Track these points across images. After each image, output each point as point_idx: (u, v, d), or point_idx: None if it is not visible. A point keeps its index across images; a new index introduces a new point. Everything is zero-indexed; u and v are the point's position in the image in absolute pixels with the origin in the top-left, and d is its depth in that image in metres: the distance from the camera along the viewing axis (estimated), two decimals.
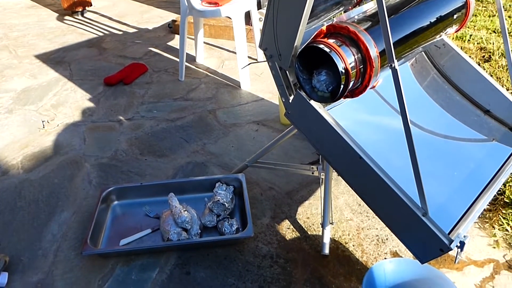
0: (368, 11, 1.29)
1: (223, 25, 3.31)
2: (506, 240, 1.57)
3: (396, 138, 1.17)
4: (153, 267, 1.52)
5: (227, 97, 2.59)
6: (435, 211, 1.09)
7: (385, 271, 1.34)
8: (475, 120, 1.54)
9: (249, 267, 1.51)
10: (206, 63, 3.04)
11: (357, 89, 1.16)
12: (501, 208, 1.67)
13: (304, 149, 2.01)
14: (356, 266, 1.50)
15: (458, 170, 1.35)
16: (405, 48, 1.24)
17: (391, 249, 1.56)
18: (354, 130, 1.20)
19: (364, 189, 1.20)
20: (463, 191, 1.28)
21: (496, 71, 2.54)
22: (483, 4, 3.50)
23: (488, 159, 1.41)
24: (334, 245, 1.57)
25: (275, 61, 1.22)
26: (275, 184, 1.87)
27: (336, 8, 1.52)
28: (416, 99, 1.55)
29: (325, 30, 1.13)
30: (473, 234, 1.59)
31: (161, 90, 2.74)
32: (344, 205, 1.75)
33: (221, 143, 2.14)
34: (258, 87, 2.67)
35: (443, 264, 1.50)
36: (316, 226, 1.66)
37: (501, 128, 1.52)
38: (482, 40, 2.90)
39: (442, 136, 1.48)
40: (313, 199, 1.79)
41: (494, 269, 1.48)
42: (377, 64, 1.09)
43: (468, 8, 1.39)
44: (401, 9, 1.28)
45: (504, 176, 1.33)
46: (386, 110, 1.47)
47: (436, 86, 1.62)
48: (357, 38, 1.08)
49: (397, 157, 1.16)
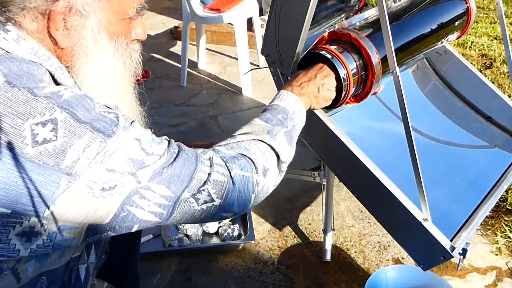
0: (369, 17, 1.30)
1: (225, 31, 3.33)
2: (508, 247, 1.56)
3: (398, 144, 1.17)
4: (154, 273, 1.51)
5: (229, 103, 2.59)
6: (437, 217, 1.08)
7: (387, 278, 1.33)
8: (477, 126, 1.54)
9: (251, 273, 1.50)
10: (208, 69, 3.04)
11: (359, 96, 1.16)
12: (503, 215, 1.66)
13: (306, 155, 2.01)
14: (357, 273, 1.49)
15: (460, 177, 1.35)
16: (406, 54, 1.24)
17: (393, 256, 1.55)
18: (355, 136, 1.19)
19: (366, 195, 1.19)
20: (465, 198, 1.28)
21: (498, 78, 2.54)
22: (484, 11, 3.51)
23: (490, 166, 1.40)
24: (336, 252, 1.57)
25: (277, 67, 1.23)
26: (277, 190, 1.85)
27: (337, 15, 1.52)
28: (418, 106, 1.55)
29: (327, 37, 1.13)
30: (476, 241, 1.59)
31: (163, 95, 2.75)
32: (346, 211, 1.75)
33: None
34: (260, 93, 2.67)
35: (445, 271, 1.49)
36: (318, 232, 1.65)
37: (503, 135, 1.52)
38: (483, 47, 2.91)
39: (443, 142, 1.48)
40: (314, 205, 1.78)
41: (496, 276, 1.47)
42: (378, 70, 1.09)
43: (469, 15, 1.39)
44: (403, 16, 1.29)
45: (506, 183, 1.32)
46: (388, 116, 1.47)
47: (437, 92, 1.62)
48: (358, 45, 1.08)
49: (399, 163, 1.16)
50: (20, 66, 0.66)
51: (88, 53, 0.74)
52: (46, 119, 0.63)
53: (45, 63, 0.69)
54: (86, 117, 0.65)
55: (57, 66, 0.71)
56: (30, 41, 0.70)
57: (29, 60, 0.68)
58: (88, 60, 0.74)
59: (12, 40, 0.68)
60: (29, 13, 0.69)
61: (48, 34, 0.71)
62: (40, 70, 0.68)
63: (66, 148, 0.63)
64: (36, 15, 0.69)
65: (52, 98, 0.64)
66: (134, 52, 0.83)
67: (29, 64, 0.67)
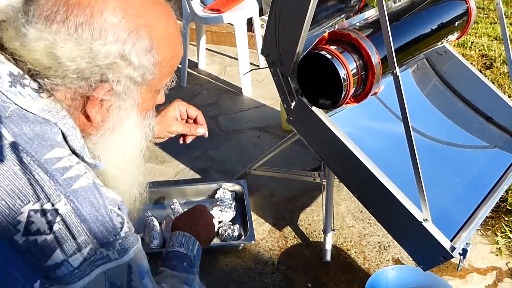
0: (369, 18, 1.30)
1: (225, 32, 3.33)
2: (508, 247, 1.56)
3: (398, 144, 1.17)
4: (154, 273, 1.51)
5: (229, 103, 2.59)
6: (438, 218, 1.09)
7: (387, 278, 1.33)
8: (477, 127, 1.54)
9: (251, 273, 1.50)
10: (208, 69, 3.04)
11: (359, 96, 1.16)
12: (503, 215, 1.66)
13: (306, 155, 2.01)
14: (358, 273, 1.49)
15: (460, 177, 1.35)
16: (406, 54, 1.24)
17: (393, 256, 1.55)
18: (356, 137, 1.20)
19: (366, 196, 1.20)
20: (465, 198, 1.28)
21: (498, 78, 2.54)
22: (484, 12, 3.51)
23: (490, 166, 1.40)
24: (336, 252, 1.57)
25: (277, 68, 1.23)
26: (277, 191, 1.87)
27: (337, 15, 1.52)
28: (418, 106, 1.55)
29: (327, 37, 1.13)
30: (476, 242, 1.58)
31: None
32: (346, 212, 1.74)
33: (222, 149, 2.14)
34: (260, 93, 2.67)
35: (445, 271, 1.49)
36: (318, 232, 1.65)
37: (503, 135, 1.52)
38: (483, 47, 2.91)
39: (444, 143, 1.48)
40: (314, 206, 1.78)
41: (497, 277, 1.47)
42: (378, 70, 1.09)
43: (469, 15, 1.39)
44: (403, 16, 1.29)
45: (507, 183, 1.32)
46: (388, 116, 1.47)
47: (437, 93, 1.62)
48: (358, 45, 1.08)
49: (399, 163, 1.16)
50: (32, 126, 0.62)
51: (116, 128, 0.71)
52: (47, 208, 0.58)
53: (59, 122, 0.65)
54: (90, 215, 0.61)
55: (70, 126, 0.66)
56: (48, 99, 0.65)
57: (43, 118, 0.63)
58: (113, 133, 0.72)
59: (28, 95, 0.63)
60: (67, 90, 0.66)
61: (80, 109, 0.68)
62: (53, 129, 0.64)
63: (55, 247, 0.58)
64: (75, 95, 0.66)
65: (62, 184, 0.60)
66: (153, 120, 0.81)
67: (42, 124, 0.63)
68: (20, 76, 0.64)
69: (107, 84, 0.65)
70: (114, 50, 0.63)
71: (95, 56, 0.63)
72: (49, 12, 0.62)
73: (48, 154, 0.61)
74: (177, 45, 0.75)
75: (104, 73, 0.64)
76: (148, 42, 0.66)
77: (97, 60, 0.63)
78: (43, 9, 0.62)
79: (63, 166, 0.62)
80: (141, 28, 0.66)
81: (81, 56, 0.62)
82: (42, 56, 0.62)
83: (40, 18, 0.62)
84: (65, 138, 0.66)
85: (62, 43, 0.61)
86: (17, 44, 0.62)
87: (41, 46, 0.61)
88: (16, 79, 0.63)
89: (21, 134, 0.60)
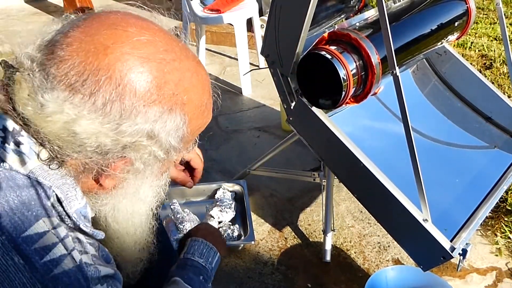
0: (369, 18, 1.30)
1: (225, 32, 3.33)
2: (508, 248, 1.56)
3: (398, 144, 1.17)
4: None
5: (229, 103, 2.59)
6: (437, 218, 1.09)
7: (387, 278, 1.33)
8: (477, 127, 1.54)
9: (251, 274, 1.50)
10: (207, 69, 3.01)
11: (359, 96, 1.16)
12: (503, 216, 1.66)
13: (306, 155, 2.01)
14: (357, 274, 1.49)
15: (460, 178, 1.35)
16: (406, 55, 1.24)
17: (393, 257, 1.55)
18: (355, 137, 1.20)
19: (366, 196, 1.20)
20: (465, 199, 1.28)
21: (498, 79, 2.54)
22: (484, 12, 3.51)
23: (490, 167, 1.40)
24: (336, 252, 1.57)
25: (277, 68, 1.23)
26: (277, 191, 1.87)
27: (337, 15, 1.52)
28: (418, 106, 1.55)
29: (327, 37, 1.13)
30: (475, 242, 1.59)
31: None
32: (346, 212, 1.75)
33: (222, 149, 2.14)
34: (260, 94, 2.67)
35: (445, 271, 1.49)
36: (318, 233, 1.65)
37: (503, 135, 1.52)
38: (483, 48, 2.91)
39: (443, 143, 1.48)
40: (314, 206, 1.78)
41: (496, 277, 1.47)
42: (378, 71, 1.09)
43: (469, 16, 1.39)
44: (403, 16, 1.29)
45: (506, 183, 1.32)
46: (387, 116, 1.47)
47: (437, 93, 1.62)
48: (358, 45, 1.08)
49: (399, 163, 1.16)
50: (19, 192, 0.54)
51: (128, 193, 0.64)
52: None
53: (55, 184, 0.57)
54: None
55: (70, 186, 0.58)
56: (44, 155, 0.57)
57: (35, 180, 0.55)
58: (125, 197, 0.65)
59: (23, 154, 0.55)
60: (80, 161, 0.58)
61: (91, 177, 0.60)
62: (45, 193, 0.56)
63: None
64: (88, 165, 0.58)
65: (39, 270, 0.52)
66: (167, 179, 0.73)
67: (31, 188, 0.55)
68: (16, 133, 0.56)
69: (127, 159, 0.58)
70: (143, 129, 0.56)
71: (121, 135, 0.55)
72: (74, 80, 0.53)
73: (30, 229, 0.53)
74: (208, 114, 0.68)
75: (126, 150, 0.57)
76: (180, 120, 0.59)
77: (122, 138, 0.56)
78: (67, 75, 0.53)
79: (45, 245, 0.53)
80: (176, 106, 0.59)
81: (105, 134, 0.54)
82: (59, 130, 0.54)
83: (62, 85, 0.53)
84: (60, 201, 0.58)
85: (85, 118, 0.53)
86: (30, 110, 0.54)
87: (60, 121, 0.53)
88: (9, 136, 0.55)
89: (3, 203, 0.53)
